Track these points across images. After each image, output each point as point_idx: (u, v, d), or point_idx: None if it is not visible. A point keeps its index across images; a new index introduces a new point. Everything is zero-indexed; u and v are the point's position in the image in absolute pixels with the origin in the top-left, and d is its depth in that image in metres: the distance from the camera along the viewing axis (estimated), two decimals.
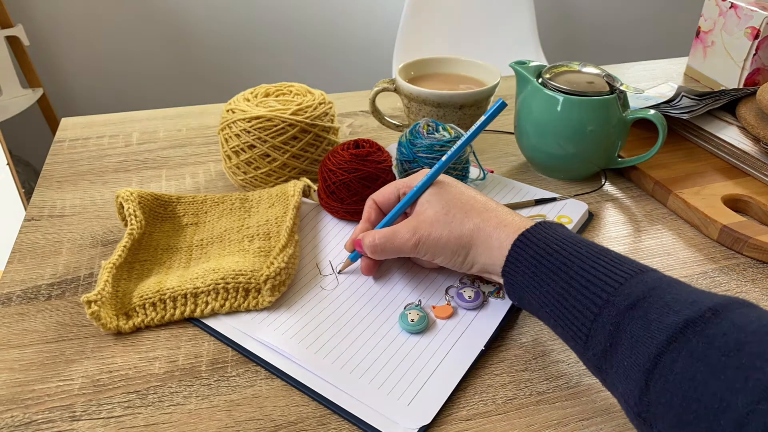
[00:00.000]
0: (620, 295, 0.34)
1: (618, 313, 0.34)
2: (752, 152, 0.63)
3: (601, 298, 0.35)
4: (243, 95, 0.61)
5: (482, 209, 0.44)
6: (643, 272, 0.35)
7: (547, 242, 0.39)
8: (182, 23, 1.78)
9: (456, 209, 0.44)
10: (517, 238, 0.41)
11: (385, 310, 0.46)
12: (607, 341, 0.34)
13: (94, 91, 1.82)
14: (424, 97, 0.64)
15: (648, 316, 0.32)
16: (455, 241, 0.43)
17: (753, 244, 0.53)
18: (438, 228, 0.44)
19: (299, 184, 0.56)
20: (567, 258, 0.38)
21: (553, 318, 0.38)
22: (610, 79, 0.61)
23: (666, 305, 0.32)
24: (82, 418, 0.38)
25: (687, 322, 0.31)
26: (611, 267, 0.36)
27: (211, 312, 0.46)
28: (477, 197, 0.45)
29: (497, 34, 1.69)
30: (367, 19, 1.92)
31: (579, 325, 0.36)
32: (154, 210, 0.56)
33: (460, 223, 0.43)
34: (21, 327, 0.45)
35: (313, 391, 0.40)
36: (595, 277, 0.36)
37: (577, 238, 0.40)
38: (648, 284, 0.34)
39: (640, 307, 0.33)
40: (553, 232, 0.40)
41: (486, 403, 0.40)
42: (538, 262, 0.39)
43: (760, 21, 0.79)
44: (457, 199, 0.45)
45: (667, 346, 0.31)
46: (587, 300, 0.35)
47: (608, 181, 0.66)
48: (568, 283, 0.37)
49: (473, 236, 0.43)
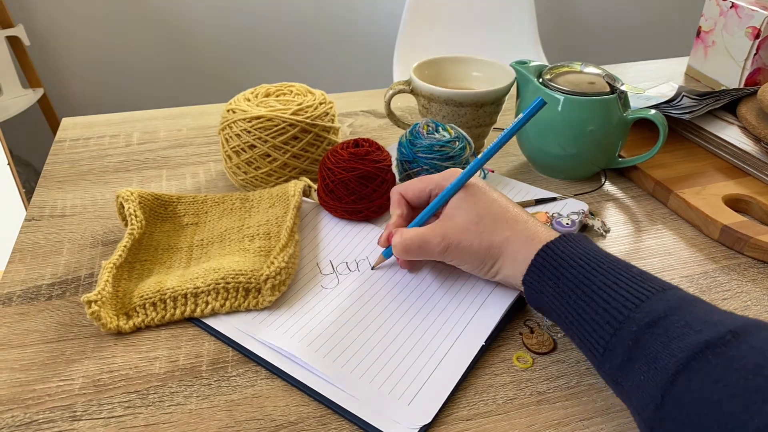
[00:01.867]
0: (641, 312, 0.34)
1: (638, 329, 0.34)
2: (753, 152, 0.63)
3: (622, 313, 0.35)
4: (243, 95, 0.61)
5: (513, 222, 0.43)
6: (665, 290, 0.36)
7: (570, 255, 0.40)
8: (183, 23, 1.78)
9: (487, 219, 0.44)
10: (540, 249, 0.41)
11: (385, 309, 0.46)
12: (625, 355, 0.34)
13: (94, 91, 1.82)
14: (445, 97, 0.64)
15: (668, 334, 0.33)
16: (484, 252, 0.43)
17: (754, 244, 0.53)
18: (468, 237, 0.44)
19: (300, 184, 0.56)
20: (589, 272, 0.38)
21: (572, 329, 0.38)
22: (611, 79, 0.61)
23: (687, 325, 0.33)
24: (82, 418, 0.38)
25: (707, 343, 0.31)
26: (633, 283, 0.36)
27: (212, 312, 0.46)
28: (509, 208, 0.45)
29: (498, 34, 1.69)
30: (368, 20, 1.92)
31: (597, 338, 0.36)
32: (154, 210, 0.56)
33: (490, 235, 0.43)
34: (22, 327, 0.45)
35: (313, 391, 0.40)
36: (617, 292, 0.36)
37: (600, 252, 0.40)
38: (670, 303, 0.34)
39: (660, 325, 0.33)
40: (577, 245, 0.40)
41: (486, 403, 0.40)
42: (560, 274, 0.39)
43: (761, 21, 0.79)
44: (488, 209, 0.44)
45: (686, 364, 0.31)
46: (607, 314, 0.36)
47: (609, 181, 0.66)
48: (589, 297, 0.37)
49: (502, 248, 0.43)
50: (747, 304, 0.49)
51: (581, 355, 0.43)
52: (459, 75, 0.73)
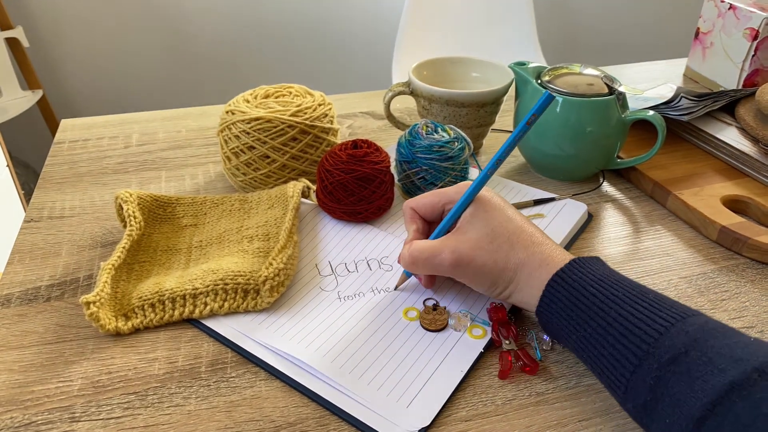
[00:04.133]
0: (661, 347, 0.33)
1: (659, 367, 0.33)
2: (751, 153, 0.63)
3: (641, 349, 0.34)
4: (242, 96, 0.61)
5: (529, 243, 0.42)
6: (684, 318, 0.34)
7: (582, 283, 0.38)
8: (181, 25, 1.78)
9: (502, 239, 0.42)
10: (551, 278, 0.39)
11: (384, 311, 0.46)
12: (648, 395, 0.33)
13: (93, 92, 1.82)
14: (447, 97, 0.64)
15: (691, 374, 0.31)
16: (498, 273, 0.42)
17: (752, 244, 0.53)
18: (481, 255, 0.42)
19: (298, 185, 0.56)
20: (603, 302, 0.37)
21: (591, 363, 0.37)
22: (609, 80, 0.61)
23: (710, 362, 0.31)
24: (81, 419, 0.38)
25: (732, 385, 0.30)
26: (651, 312, 0.35)
27: (210, 313, 0.46)
28: (524, 227, 0.43)
29: (497, 35, 1.69)
30: (367, 21, 1.93)
31: (618, 375, 0.35)
32: (153, 211, 0.56)
33: (505, 255, 0.41)
34: (20, 328, 0.45)
35: (312, 392, 0.40)
36: (634, 325, 0.35)
37: (614, 276, 0.39)
38: (690, 334, 0.33)
39: (682, 362, 0.32)
40: (589, 270, 0.39)
41: (485, 404, 0.40)
42: (573, 305, 0.38)
43: (759, 22, 0.79)
44: (503, 227, 0.42)
45: (711, 408, 0.30)
46: (626, 350, 0.34)
47: (607, 182, 0.66)
48: (605, 330, 0.36)
49: (517, 271, 0.41)
50: (745, 305, 0.49)
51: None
52: (458, 75, 0.73)
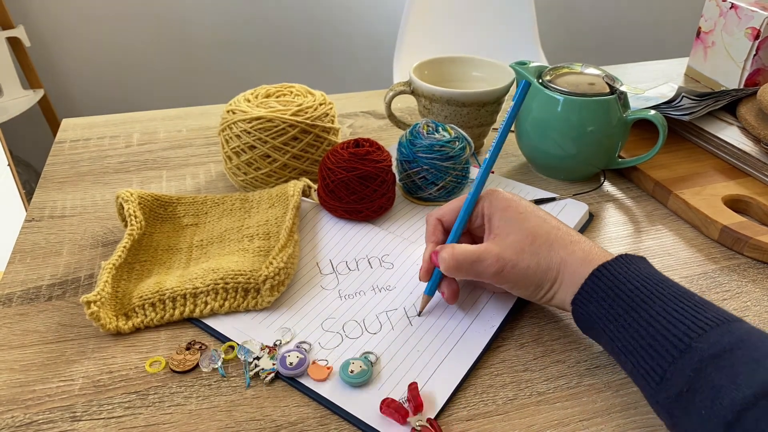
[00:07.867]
0: (705, 342, 0.33)
1: (700, 360, 0.32)
2: (753, 152, 0.63)
3: (683, 342, 0.33)
4: (243, 96, 0.61)
5: (567, 242, 0.41)
6: (729, 321, 0.34)
7: (627, 277, 0.38)
8: (183, 24, 1.78)
9: (541, 239, 0.41)
10: (596, 269, 0.39)
11: (384, 310, 0.46)
12: (685, 386, 0.32)
13: (94, 92, 1.83)
14: (448, 97, 0.64)
15: (735, 368, 0.31)
16: (542, 274, 0.41)
17: (753, 244, 0.53)
18: (525, 258, 0.41)
19: (299, 184, 0.56)
20: (647, 296, 0.37)
21: (624, 353, 0.37)
22: (611, 79, 0.61)
23: (755, 360, 0.31)
24: (82, 419, 0.38)
25: None
26: (696, 312, 0.35)
27: (211, 312, 0.46)
28: (559, 227, 0.42)
29: (498, 34, 1.69)
30: (368, 20, 1.92)
31: (654, 365, 0.34)
32: (154, 211, 0.56)
33: (547, 255, 0.41)
34: (21, 327, 0.46)
35: (313, 392, 0.40)
36: (678, 320, 0.34)
37: (660, 276, 0.38)
38: (735, 335, 0.33)
39: (726, 358, 0.32)
40: (635, 267, 0.39)
41: (486, 404, 0.40)
42: (616, 295, 0.37)
43: (761, 21, 0.79)
44: (541, 228, 0.42)
45: (754, 401, 0.29)
46: (667, 342, 0.34)
47: (609, 182, 0.66)
48: (647, 322, 0.36)
49: (560, 270, 0.41)
50: (747, 305, 0.49)
51: (581, 355, 0.43)
52: (459, 75, 0.73)
